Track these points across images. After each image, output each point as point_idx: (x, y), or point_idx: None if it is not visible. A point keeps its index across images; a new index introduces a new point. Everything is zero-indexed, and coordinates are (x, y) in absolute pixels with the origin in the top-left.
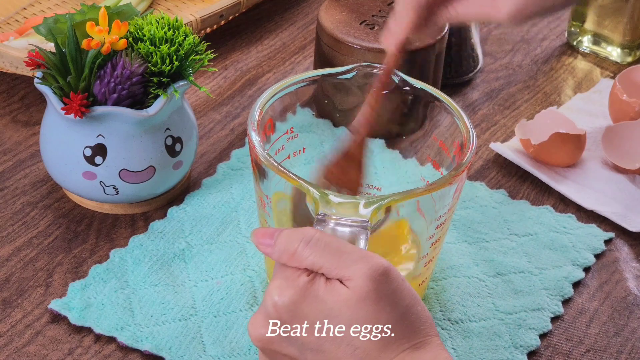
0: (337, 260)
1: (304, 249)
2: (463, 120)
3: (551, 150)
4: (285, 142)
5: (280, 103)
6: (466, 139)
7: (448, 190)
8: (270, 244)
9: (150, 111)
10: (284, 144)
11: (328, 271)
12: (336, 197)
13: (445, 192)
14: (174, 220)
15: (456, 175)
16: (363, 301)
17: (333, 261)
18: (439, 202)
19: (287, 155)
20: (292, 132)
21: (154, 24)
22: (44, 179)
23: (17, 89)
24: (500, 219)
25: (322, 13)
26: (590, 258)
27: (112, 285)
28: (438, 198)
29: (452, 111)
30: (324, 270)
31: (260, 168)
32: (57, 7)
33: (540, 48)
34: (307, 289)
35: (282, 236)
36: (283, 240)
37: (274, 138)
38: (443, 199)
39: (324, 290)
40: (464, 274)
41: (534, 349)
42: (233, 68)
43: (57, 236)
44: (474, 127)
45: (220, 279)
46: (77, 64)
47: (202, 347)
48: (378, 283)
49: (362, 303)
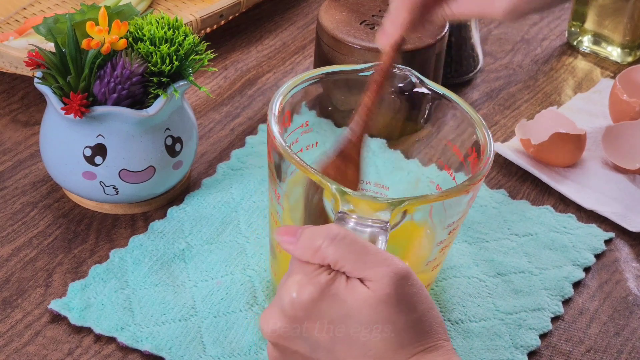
0: (361, 259)
1: (329, 246)
2: (482, 129)
3: (551, 150)
4: (299, 135)
5: (299, 96)
6: (484, 147)
7: (464, 197)
8: (293, 240)
9: (150, 111)
10: (298, 137)
11: (350, 270)
12: (356, 195)
13: (461, 198)
14: (174, 220)
15: (474, 184)
16: (383, 303)
17: (357, 260)
18: (452, 208)
19: (300, 148)
20: (307, 126)
21: (154, 24)
22: (44, 179)
23: (17, 89)
24: (500, 219)
25: (322, 13)
26: (591, 258)
27: (112, 286)
28: (453, 204)
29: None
30: (347, 268)
31: (279, 159)
32: (57, 7)
33: (540, 48)
34: (328, 287)
35: (306, 232)
36: (307, 236)
37: (290, 130)
38: (457, 205)
39: (344, 290)
40: (464, 274)
41: (534, 349)
42: (233, 68)
43: (57, 236)
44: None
45: (220, 279)
46: (77, 64)
47: (202, 347)
48: (399, 286)
49: (381, 305)
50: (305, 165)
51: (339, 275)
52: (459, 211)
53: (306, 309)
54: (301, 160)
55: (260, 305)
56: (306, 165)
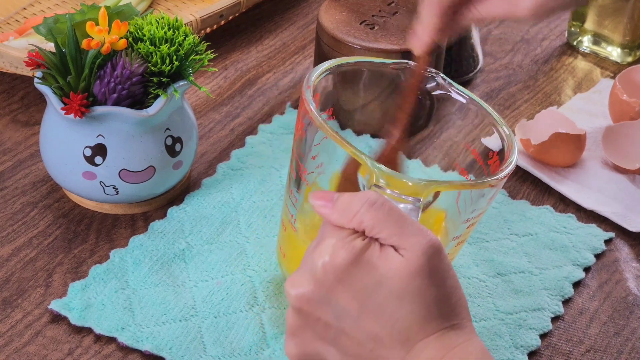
0: (398, 228)
1: (367, 212)
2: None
3: (551, 150)
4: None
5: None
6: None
7: (488, 191)
8: (329, 205)
9: (150, 111)
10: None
11: (386, 237)
12: (390, 172)
13: (485, 192)
14: (174, 220)
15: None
16: (416, 273)
17: (394, 228)
18: (475, 203)
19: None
20: (331, 113)
21: (154, 24)
22: (44, 179)
23: (17, 89)
24: (500, 219)
25: (322, 13)
26: (591, 258)
27: (112, 286)
28: (475, 198)
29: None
30: (383, 235)
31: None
32: (57, 7)
33: (540, 48)
34: (362, 253)
35: (343, 197)
36: (344, 200)
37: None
38: (479, 200)
39: (378, 257)
40: (464, 274)
41: (534, 349)
42: (233, 68)
43: (57, 236)
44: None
45: (221, 279)
46: (77, 64)
47: (203, 347)
48: (432, 259)
49: (414, 275)
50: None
51: (373, 242)
52: (480, 207)
53: (338, 273)
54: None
55: (260, 305)
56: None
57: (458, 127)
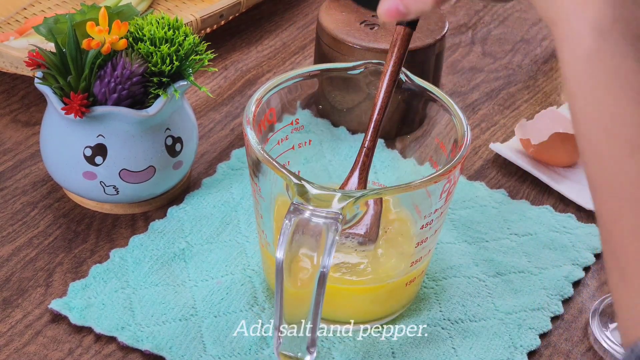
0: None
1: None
2: (459, 118)
3: (551, 150)
4: (289, 132)
5: (285, 94)
6: (460, 136)
7: (434, 188)
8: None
9: (151, 111)
10: (288, 135)
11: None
12: (313, 188)
13: (433, 189)
14: (174, 220)
15: (443, 174)
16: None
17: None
18: (424, 202)
19: (292, 145)
20: (298, 124)
21: (154, 24)
22: (44, 179)
23: (17, 89)
24: (500, 218)
25: (322, 13)
26: (590, 257)
27: (112, 285)
28: (424, 197)
29: (449, 108)
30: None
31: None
32: (57, 7)
33: (540, 48)
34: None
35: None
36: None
37: (278, 127)
38: (430, 198)
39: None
40: (464, 274)
41: (534, 349)
42: (233, 68)
43: (57, 236)
44: (474, 128)
45: (221, 278)
46: (77, 64)
47: (203, 347)
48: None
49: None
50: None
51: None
52: (433, 205)
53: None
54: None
55: (260, 305)
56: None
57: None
